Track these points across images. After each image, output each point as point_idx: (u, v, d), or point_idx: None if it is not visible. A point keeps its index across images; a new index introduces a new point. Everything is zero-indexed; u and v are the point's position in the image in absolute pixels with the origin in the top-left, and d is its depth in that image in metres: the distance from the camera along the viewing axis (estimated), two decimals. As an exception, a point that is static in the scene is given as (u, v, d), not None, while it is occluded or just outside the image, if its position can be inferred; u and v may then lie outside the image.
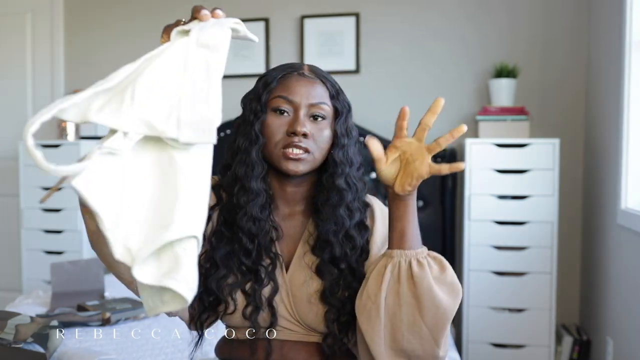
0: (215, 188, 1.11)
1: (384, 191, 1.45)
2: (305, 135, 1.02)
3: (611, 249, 2.32)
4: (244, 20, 0.76)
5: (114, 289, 2.36)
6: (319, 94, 1.05)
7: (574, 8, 2.76)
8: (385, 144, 0.91)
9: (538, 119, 2.77)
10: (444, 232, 2.78)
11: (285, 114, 1.04)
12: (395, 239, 0.98)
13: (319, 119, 1.05)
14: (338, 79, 1.19)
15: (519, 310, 2.51)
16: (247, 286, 1.04)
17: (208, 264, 1.06)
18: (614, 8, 2.28)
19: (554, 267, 2.47)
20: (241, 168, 1.05)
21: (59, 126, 3.02)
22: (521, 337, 2.51)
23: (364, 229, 1.10)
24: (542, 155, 2.46)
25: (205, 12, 0.72)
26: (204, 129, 0.65)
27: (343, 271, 1.05)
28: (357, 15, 2.94)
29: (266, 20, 3.02)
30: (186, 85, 0.66)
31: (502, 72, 2.66)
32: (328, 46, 2.97)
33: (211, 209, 1.09)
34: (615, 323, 2.26)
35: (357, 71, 2.95)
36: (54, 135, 3.23)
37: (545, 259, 2.47)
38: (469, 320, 2.55)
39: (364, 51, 2.96)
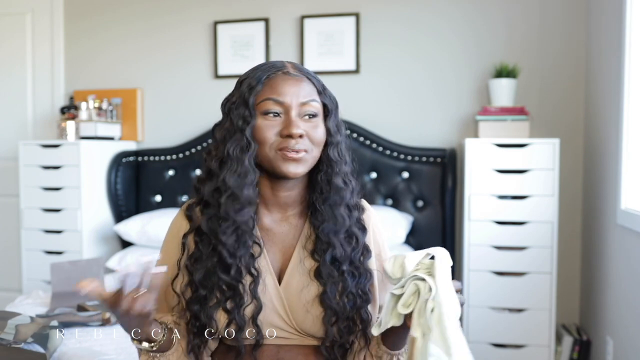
0: (188, 210, 1.08)
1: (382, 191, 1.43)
2: (301, 136, 1.00)
3: (611, 249, 2.32)
4: (244, 20, 0.75)
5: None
6: (308, 92, 1.03)
7: (573, 8, 2.76)
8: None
9: (538, 119, 2.76)
10: (444, 232, 2.78)
11: (277, 116, 1.01)
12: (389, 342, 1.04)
13: (312, 117, 1.03)
14: (338, 78, 1.19)
15: (519, 310, 2.51)
16: (228, 304, 1.01)
17: (189, 291, 1.04)
18: (614, 8, 2.27)
19: (554, 267, 2.47)
20: (232, 176, 1.01)
21: (59, 126, 3.02)
22: (521, 337, 2.51)
23: (363, 228, 1.09)
24: (542, 155, 2.46)
25: None
26: None
27: (344, 273, 1.04)
28: (357, 15, 2.94)
29: (266, 20, 3.02)
30: None
31: (502, 72, 2.65)
32: (328, 46, 2.97)
33: (184, 236, 1.06)
34: (615, 323, 2.26)
35: (357, 71, 2.95)
36: (54, 135, 3.23)
37: (545, 259, 2.47)
38: (469, 320, 2.55)
39: (363, 51, 2.96)
